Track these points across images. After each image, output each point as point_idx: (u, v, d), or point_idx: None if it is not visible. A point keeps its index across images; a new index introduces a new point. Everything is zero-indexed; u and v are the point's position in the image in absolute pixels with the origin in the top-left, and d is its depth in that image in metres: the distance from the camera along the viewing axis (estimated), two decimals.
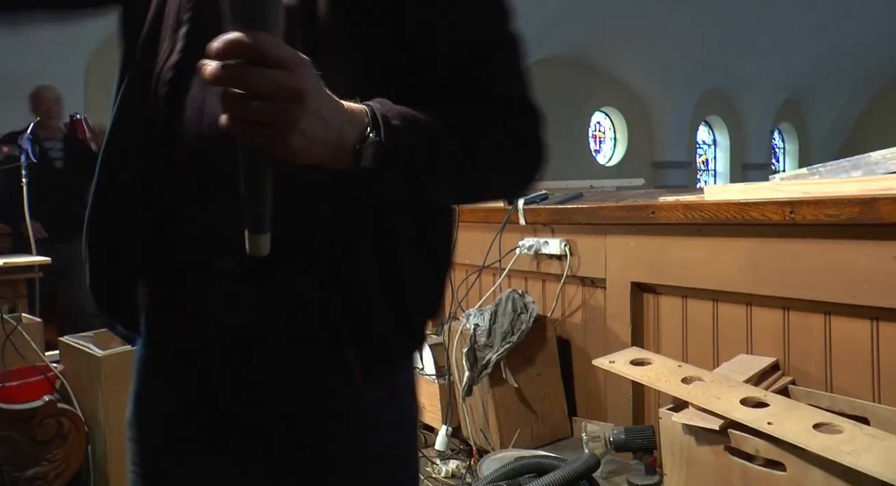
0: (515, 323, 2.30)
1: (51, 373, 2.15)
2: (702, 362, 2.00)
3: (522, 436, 2.30)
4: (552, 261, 2.53)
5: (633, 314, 2.25)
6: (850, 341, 1.71)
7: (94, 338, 2.20)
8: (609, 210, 2.23)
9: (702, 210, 1.90)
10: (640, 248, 2.19)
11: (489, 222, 2.73)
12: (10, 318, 2.13)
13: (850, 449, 1.30)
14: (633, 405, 2.25)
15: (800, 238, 1.74)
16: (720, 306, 2.02)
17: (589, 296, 2.48)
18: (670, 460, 1.65)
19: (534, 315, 2.33)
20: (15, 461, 1.90)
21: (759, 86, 14.47)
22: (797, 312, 1.83)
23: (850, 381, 1.71)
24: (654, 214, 2.05)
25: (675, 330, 2.17)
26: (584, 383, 2.51)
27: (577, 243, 2.43)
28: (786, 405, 1.54)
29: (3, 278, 2.99)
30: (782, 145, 17.49)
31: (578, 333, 2.54)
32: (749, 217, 1.79)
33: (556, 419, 2.44)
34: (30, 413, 1.95)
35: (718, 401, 1.56)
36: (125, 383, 2.11)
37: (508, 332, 2.28)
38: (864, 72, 15.06)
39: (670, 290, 2.17)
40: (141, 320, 0.86)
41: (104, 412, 2.00)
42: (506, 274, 2.66)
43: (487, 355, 2.28)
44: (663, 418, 1.65)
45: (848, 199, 1.56)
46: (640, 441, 1.91)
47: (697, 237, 2.00)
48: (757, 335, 1.93)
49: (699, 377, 1.73)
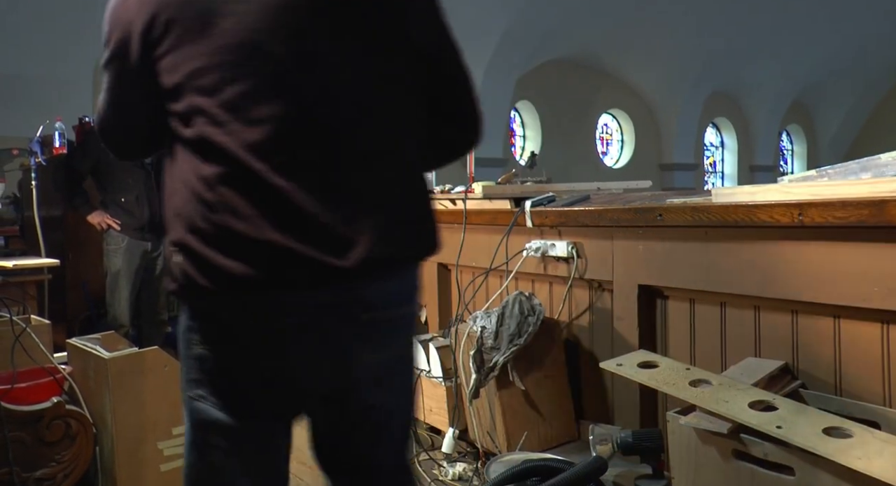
0: (522, 326, 2.29)
1: (59, 375, 2.16)
2: (710, 365, 1.99)
3: (529, 439, 2.30)
4: (559, 263, 2.53)
5: (641, 317, 2.24)
6: (860, 345, 1.70)
7: (102, 340, 2.22)
8: (616, 212, 2.22)
9: (709, 212, 1.89)
10: (647, 250, 2.18)
11: (496, 225, 2.73)
12: (20, 320, 2.15)
13: (861, 454, 1.29)
14: (641, 408, 2.24)
15: (808, 241, 1.73)
16: (728, 309, 2.01)
17: (596, 298, 2.47)
18: (678, 463, 1.64)
19: (541, 318, 2.32)
20: (24, 462, 1.91)
21: (766, 87, 14.41)
22: (806, 315, 1.82)
23: (860, 385, 1.70)
24: (662, 216, 2.05)
25: (682, 333, 2.16)
26: (592, 385, 2.51)
27: (585, 245, 2.42)
28: (795, 408, 1.53)
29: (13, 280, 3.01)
30: (790, 147, 17.41)
31: (586, 335, 2.53)
32: (757, 219, 1.78)
33: (563, 421, 2.43)
34: (38, 415, 1.96)
35: (727, 404, 1.55)
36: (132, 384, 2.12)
37: (515, 334, 2.28)
38: (872, 73, 14.98)
39: (678, 292, 2.16)
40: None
41: (111, 413, 2.01)
42: (513, 276, 2.65)
43: (494, 358, 2.27)
44: (671, 421, 1.64)
45: (857, 201, 1.55)
46: (647, 444, 1.90)
47: (705, 240, 1.99)
48: (765, 338, 1.92)
49: (707, 380, 1.73)
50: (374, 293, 1.03)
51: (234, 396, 1.03)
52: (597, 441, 1.98)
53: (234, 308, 0.99)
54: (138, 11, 1.01)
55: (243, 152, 0.96)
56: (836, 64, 14.09)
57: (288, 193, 0.95)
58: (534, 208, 2.54)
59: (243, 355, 1.01)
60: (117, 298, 3.58)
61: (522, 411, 2.34)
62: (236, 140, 0.96)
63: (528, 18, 9.79)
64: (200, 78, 0.98)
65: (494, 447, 2.33)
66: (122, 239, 3.55)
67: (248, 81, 0.97)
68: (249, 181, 0.96)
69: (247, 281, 0.95)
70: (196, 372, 1.05)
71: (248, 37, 0.97)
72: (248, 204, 0.95)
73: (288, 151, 0.97)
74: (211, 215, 0.97)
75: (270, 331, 0.99)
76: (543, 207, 2.53)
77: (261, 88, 0.98)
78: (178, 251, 1.00)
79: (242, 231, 0.95)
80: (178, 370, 1.10)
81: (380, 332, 1.06)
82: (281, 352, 1.00)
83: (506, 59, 10.26)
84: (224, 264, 0.95)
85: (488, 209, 2.77)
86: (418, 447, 2.59)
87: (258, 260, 0.95)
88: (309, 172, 0.97)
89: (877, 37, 13.12)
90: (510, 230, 2.62)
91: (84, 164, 3.56)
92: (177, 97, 1.01)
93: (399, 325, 1.11)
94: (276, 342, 0.99)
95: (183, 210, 1.00)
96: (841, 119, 16.52)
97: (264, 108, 0.97)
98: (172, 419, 2.10)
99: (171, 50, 1.00)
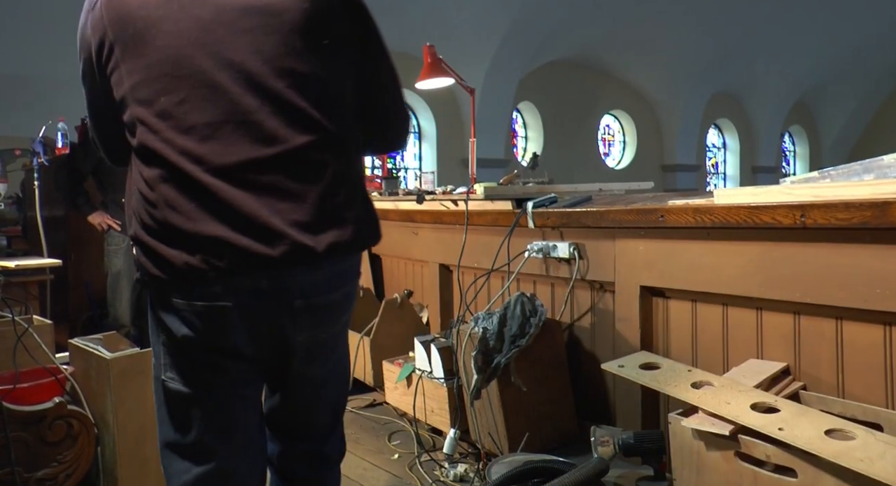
0: (524, 327, 2.29)
1: (61, 375, 2.16)
2: (711, 367, 1.99)
3: (531, 440, 2.30)
4: (561, 264, 2.53)
5: (643, 318, 2.24)
6: (862, 346, 1.69)
7: (104, 340, 2.21)
8: (618, 213, 2.22)
9: (711, 214, 1.89)
10: (649, 251, 2.18)
11: (498, 226, 2.73)
12: (22, 320, 2.15)
13: (863, 456, 1.29)
14: (643, 409, 2.23)
15: (811, 242, 1.73)
16: (730, 311, 2.01)
17: (598, 299, 2.47)
18: (680, 465, 1.64)
19: (542, 319, 2.32)
20: (25, 462, 1.91)
21: (768, 88, 14.41)
22: (808, 316, 1.81)
23: (862, 386, 1.69)
24: (664, 217, 2.05)
25: (684, 334, 2.16)
26: (593, 386, 2.51)
27: (587, 246, 2.42)
28: (797, 410, 1.53)
29: (15, 280, 3.01)
30: (792, 148, 17.40)
31: (587, 336, 2.53)
32: (759, 221, 1.78)
33: (564, 422, 2.43)
34: (40, 415, 1.96)
35: (728, 406, 1.55)
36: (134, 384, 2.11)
37: (517, 335, 2.28)
38: (875, 74, 14.97)
39: (680, 294, 2.16)
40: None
41: (113, 413, 2.01)
42: (515, 277, 2.65)
43: (496, 359, 2.27)
44: (673, 422, 1.64)
45: (859, 202, 1.55)
46: (649, 446, 1.90)
47: (707, 241, 1.99)
48: (767, 340, 1.92)
49: (709, 382, 1.73)
50: (305, 281, 1.14)
51: (195, 372, 1.18)
52: (598, 443, 1.98)
53: (182, 293, 1.12)
54: (92, 34, 1.16)
55: (177, 156, 1.08)
56: (839, 65, 14.09)
57: (220, 190, 1.07)
58: (536, 209, 2.54)
59: (197, 336, 1.14)
60: (118, 298, 3.58)
61: (524, 412, 2.34)
62: (171, 145, 1.09)
63: (529, 19, 9.80)
64: (139, 91, 1.11)
65: (496, 447, 2.33)
66: (123, 239, 3.55)
67: (180, 92, 1.09)
68: (185, 181, 1.08)
69: (188, 269, 1.08)
70: (164, 357, 1.20)
71: (179, 52, 1.10)
72: (185, 200, 1.08)
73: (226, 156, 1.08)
74: (154, 212, 1.10)
75: (214, 313, 1.11)
76: (545, 209, 2.53)
77: (191, 98, 1.09)
78: (134, 245, 1.15)
79: (180, 225, 1.08)
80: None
81: (312, 315, 1.18)
82: (226, 331, 1.13)
83: (508, 60, 10.26)
84: (168, 254, 1.08)
85: (490, 210, 2.77)
86: (419, 448, 2.59)
87: (196, 250, 1.07)
88: (239, 171, 1.08)
89: (880, 38, 13.11)
90: (512, 231, 2.62)
91: (85, 164, 3.57)
92: (123, 109, 1.15)
93: (331, 309, 1.22)
94: (221, 323, 1.12)
95: (135, 209, 1.14)
96: (844, 120, 16.51)
97: (195, 115, 1.09)
98: None
99: (116, 67, 1.14)
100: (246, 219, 1.07)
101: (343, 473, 1.49)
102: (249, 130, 1.09)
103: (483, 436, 2.40)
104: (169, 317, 1.15)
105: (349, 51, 1.20)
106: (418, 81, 3.36)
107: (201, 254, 1.07)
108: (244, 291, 1.10)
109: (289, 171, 1.10)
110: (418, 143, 11.04)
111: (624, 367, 1.90)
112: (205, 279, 1.09)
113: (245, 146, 1.09)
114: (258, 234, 1.07)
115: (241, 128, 1.09)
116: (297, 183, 1.11)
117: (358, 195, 1.21)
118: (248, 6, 1.11)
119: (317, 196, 1.12)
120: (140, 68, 1.11)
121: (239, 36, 1.10)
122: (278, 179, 1.10)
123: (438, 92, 8.63)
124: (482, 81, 9.99)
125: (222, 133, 1.09)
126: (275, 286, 1.12)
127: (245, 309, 1.12)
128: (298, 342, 1.20)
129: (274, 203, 1.09)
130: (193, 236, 1.07)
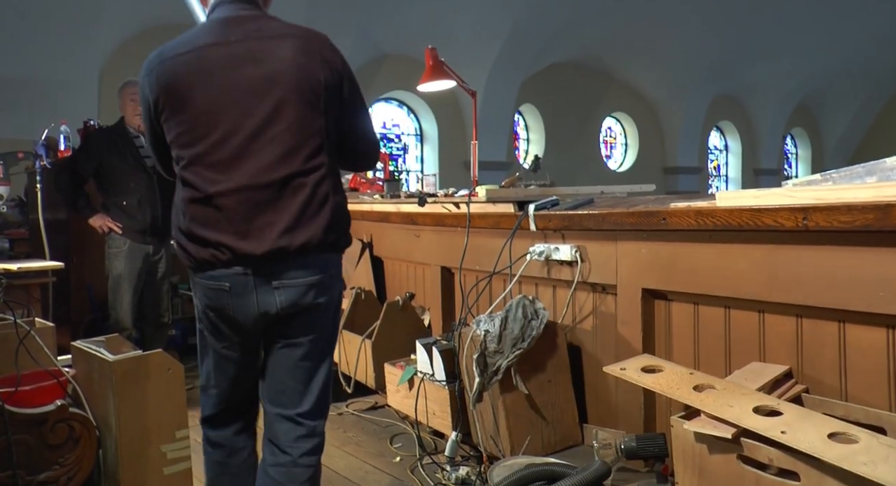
0: (526, 329, 2.29)
1: (63, 377, 2.16)
2: (714, 370, 1.99)
3: (533, 443, 2.29)
4: (563, 267, 2.53)
5: (645, 321, 2.24)
6: (864, 350, 1.69)
7: (106, 343, 2.22)
8: (620, 216, 2.22)
9: (713, 216, 1.89)
10: (651, 254, 2.18)
11: (499, 228, 2.72)
12: (24, 323, 2.15)
13: (866, 459, 1.28)
14: (645, 413, 2.23)
15: (813, 245, 1.73)
16: (732, 313, 2.01)
17: (600, 302, 2.47)
18: (682, 468, 1.64)
19: (544, 321, 2.32)
20: (27, 465, 1.91)
21: (771, 91, 14.40)
22: (810, 319, 1.81)
23: (865, 390, 1.69)
24: (666, 220, 2.04)
25: (686, 337, 2.15)
26: (595, 389, 2.50)
27: (588, 248, 2.42)
28: (800, 413, 1.52)
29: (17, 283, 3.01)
30: (795, 151, 17.38)
31: (589, 339, 2.53)
32: (761, 223, 1.77)
33: (566, 425, 2.43)
34: (42, 417, 1.96)
35: (731, 409, 1.55)
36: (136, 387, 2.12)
37: (519, 338, 2.28)
38: (878, 76, 14.96)
39: (682, 296, 2.15)
40: None
41: (115, 416, 2.01)
42: (516, 280, 2.65)
43: (498, 362, 2.27)
44: (675, 425, 1.64)
45: (862, 205, 1.55)
46: (651, 449, 1.89)
47: (709, 243, 1.99)
48: (770, 343, 1.91)
49: (711, 385, 1.72)
50: (279, 269, 1.57)
51: (212, 328, 1.69)
52: (600, 446, 1.98)
53: (202, 274, 1.62)
54: (150, 94, 1.62)
55: (202, 183, 1.56)
56: (841, 67, 14.08)
57: (230, 209, 1.55)
58: (537, 212, 2.54)
59: (210, 302, 1.64)
60: (119, 301, 3.58)
61: (526, 414, 2.33)
62: (199, 176, 1.57)
63: (531, 22, 9.81)
64: (181, 138, 1.59)
65: (498, 450, 2.33)
66: (124, 242, 3.55)
67: (208, 139, 1.55)
68: (205, 201, 1.57)
69: (203, 260, 1.59)
70: (199, 312, 1.72)
71: (211, 109, 1.55)
72: (204, 215, 1.58)
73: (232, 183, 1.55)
74: (184, 221, 1.61)
75: (219, 290, 1.60)
76: (547, 211, 2.52)
77: (216, 143, 1.55)
78: (175, 244, 1.70)
79: (199, 232, 1.58)
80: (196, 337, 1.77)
81: (285, 292, 1.59)
82: (226, 302, 1.61)
83: (509, 62, 10.27)
84: (191, 250, 1.61)
85: (492, 213, 2.77)
86: (421, 451, 2.59)
87: (209, 249, 1.57)
88: (244, 195, 1.55)
89: (882, 40, 13.09)
90: (514, 234, 2.61)
91: (86, 166, 3.56)
92: (172, 148, 1.64)
93: (302, 289, 1.59)
94: (223, 297, 1.60)
95: (175, 220, 1.67)
96: (846, 123, 16.50)
97: (217, 155, 1.55)
98: (176, 422, 2.10)
99: (166, 119, 1.60)
100: (244, 228, 1.55)
101: (344, 475, 1.50)
102: (254, 163, 1.54)
103: (485, 439, 2.40)
104: (196, 288, 1.67)
105: (332, 106, 1.62)
106: (420, 84, 3.36)
107: (211, 251, 1.57)
108: (237, 276, 1.57)
109: (278, 192, 1.55)
110: (420, 145, 11.05)
111: (626, 370, 1.90)
112: (213, 267, 1.58)
113: (249, 174, 1.54)
114: (250, 238, 1.54)
115: (248, 162, 1.55)
116: (283, 200, 1.55)
117: (327, 208, 1.59)
118: (258, 76, 1.54)
119: (297, 209, 1.55)
120: (181, 122, 1.57)
121: (251, 98, 1.54)
122: (270, 197, 1.54)
123: (440, 94, 8.65)
124: (484, 84, 9.99)
125: (235, 166, 1.54)
126: (258, 273, 1.56)
127: (237, 287, 1.58)
128: (278, 312, 1.59)
129: (265, 216, 1.54)
130: (206, 240, 1.57)
